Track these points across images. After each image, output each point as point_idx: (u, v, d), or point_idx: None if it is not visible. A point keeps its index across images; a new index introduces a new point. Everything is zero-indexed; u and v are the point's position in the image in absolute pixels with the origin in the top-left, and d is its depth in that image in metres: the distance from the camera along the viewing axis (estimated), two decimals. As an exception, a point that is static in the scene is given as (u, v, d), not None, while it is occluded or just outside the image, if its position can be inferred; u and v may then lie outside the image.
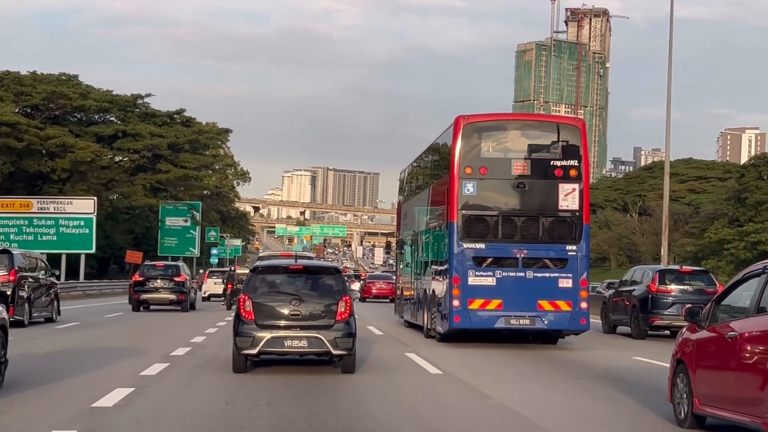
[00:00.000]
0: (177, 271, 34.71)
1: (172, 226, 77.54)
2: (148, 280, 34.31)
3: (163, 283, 34.08)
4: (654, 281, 24.04)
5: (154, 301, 34.29)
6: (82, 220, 54.33)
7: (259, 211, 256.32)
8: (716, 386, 9.12)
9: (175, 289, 33.95)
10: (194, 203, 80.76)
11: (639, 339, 23.73)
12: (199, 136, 79.82)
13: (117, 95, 77.72)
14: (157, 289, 34.02)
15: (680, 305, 22.57)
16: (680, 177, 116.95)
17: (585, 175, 20.15)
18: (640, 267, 28.11)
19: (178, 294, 33.92)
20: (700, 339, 9.69)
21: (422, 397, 12.11)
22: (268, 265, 14.85)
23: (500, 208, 20.02)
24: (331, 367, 14.76)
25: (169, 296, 33.96)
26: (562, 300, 19.65)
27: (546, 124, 21.68)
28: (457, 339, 20.85)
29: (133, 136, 73.97)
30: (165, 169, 74.67)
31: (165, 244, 76.99)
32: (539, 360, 17.71)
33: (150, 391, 11.90)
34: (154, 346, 18.33)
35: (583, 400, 12.19)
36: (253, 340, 13.63)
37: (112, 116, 78.00)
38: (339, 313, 13.83)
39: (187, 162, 76.18)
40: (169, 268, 35.30)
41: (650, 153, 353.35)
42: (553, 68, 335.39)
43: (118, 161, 76.40)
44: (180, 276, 34.30)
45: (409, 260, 27.01)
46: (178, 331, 23.29)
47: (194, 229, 78.71)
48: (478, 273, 19.68)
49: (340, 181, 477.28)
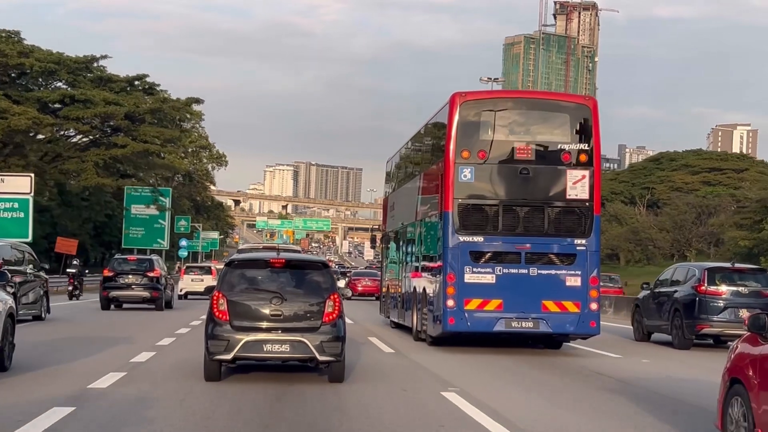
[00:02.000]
0: (151, 265, 32.15)
1: (138, 215, 69.49)
2: (118, 275, 31.71)
3: (135, 279, 31.55)
4: (702, 281, 20.79)
5: (125, 299, 31.87)
6: (15, 201, 45.70)
7: (240, 204, 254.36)
8: None
9: (148, 285, 31.48)
10: (163, 189, 73.49)
11: (682, 349, 20.64)
12: (164, 104, 69.63)
13: (66, 56, 66.72)
14: (129, 285, 31.50)
15: (733, 310, 20.22)
16: (692, 168, 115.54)
17: (596, 160, 18.33)
18: (683, 264, 24.84)
19: (152, 291, 31.43)
20: (766, 354, 7.85)
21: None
22: (246, 258, 13.39)
23: (501, 197, 18.19)
24: (317, 375, 13.21)
25: (142, 293, 31.47)
26: (570, 300, 17.85)
27: (553, 103, 19.73)
28: (449, 343, 18.99)
29: (83, 102, 62.87)
30: (121, 143, 64.48)
31: (130, 235, 69.65)
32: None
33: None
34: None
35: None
36: (227, 344, 12.15)
37: (59, 81, 66.96)
38: (326, 313, 12.36)
39: (148, 135, 65.78)
40: (143, 262, 32.72)
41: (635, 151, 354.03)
42: (542, 62, 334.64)
43: (65, 133, 66.87)
44: (154, 271, 31.81)
45: (397, 255, 25.15)
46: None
47: (164, 218, 70.66)
48: (476, 269, 17.84)
49: (322, 177, 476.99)
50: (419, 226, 21.52)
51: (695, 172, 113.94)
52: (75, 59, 67.03)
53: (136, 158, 66.94)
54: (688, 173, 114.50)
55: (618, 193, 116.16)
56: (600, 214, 18.55)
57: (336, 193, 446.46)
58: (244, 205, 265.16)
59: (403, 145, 25.54)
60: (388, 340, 20.80)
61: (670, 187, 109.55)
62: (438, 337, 18.77)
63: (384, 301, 27.84)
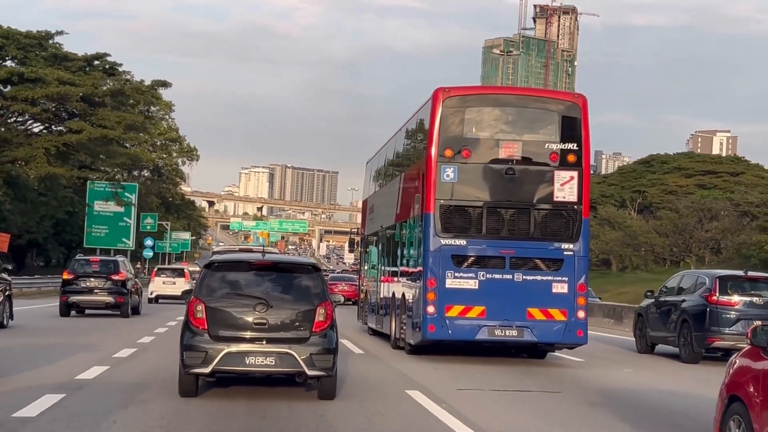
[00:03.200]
0: (116, 267, 29.63)
1: (101, 212, 64.94)
2: (79, 278, 29.15)
3: (98, 283, 29.08)
4: (713, 290, 19.62)
5: (87, 305, 29.45)
6: None
7: (214, 206, 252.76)
8: None
9: (113, 289, 29.00)
10: (128, 184, 68.88)
11: (691, 363, 19.55)
12: (126, 86, 63.30)
13: (16, 30, 60.44)
14: (91, 289, 28.98)
15: (747, 322, 18.87)
16: (685, 171, 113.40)
17: (586, 161, 17.64)
18: (690, 272, 23.78)
19: (117, 296, 28.97)
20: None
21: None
22: (227, 260, 12.10)
23: (485, 198, 17.44)
24: (303, 390, 12.17)
25: (106, 298, 29.00)
26: (556, 308, 17.12)
27: (541, 99, 18.97)
28: (429, 351, 18.24)
29: (33, 82, 56.58)
30: (76, 128, 58.19)
31: (93, 233, 65.17)
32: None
33: None
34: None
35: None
36: (205, 356, 11.00)
37: (8, 58, 60.55)
38: (317, 322, 11.25)
39: (107, 120, 59.39)
40: (107, 264, 30.07)
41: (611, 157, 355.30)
42: (521, 65, 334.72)
43: (13, 116, 60.69)
44: (119, 273, 29.30)
45: (376, 259, 24.39)
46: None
47: (129, 216, 66.23)
48: (458, 274, 17.09)
49: (298, 179, 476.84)
50: (399, 229, 20.78)
51: (689, 175, 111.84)
52: (26, 34, 61.03)
53: (93, 146, 60.67)
54: (681, 176, 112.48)
55: (608, 196, 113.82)
56: (589, 217, 17.85)
57: (312, 195, 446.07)
58: (219, 207, 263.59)
59: (383, 146, 24.79)
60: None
61: (663, 190, 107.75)
62: (417, 345, 18.01)
63: (362, 306, 27.08)
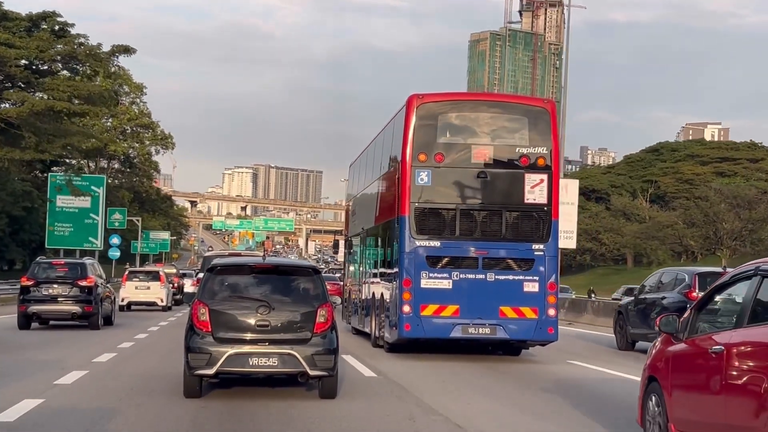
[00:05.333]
0: (83, 271, 25.89)
1: (65, 208, 58.45)
2: (40, 284, 25.46)
3: (62, 289, 25.41)
4: (693, 287, 20.22)
5: (50, 315, 25.88)
6: None
7: (197, 206, 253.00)
8: (697, 410, 7.95)
9: (80, 297, 25.40)
10: (94, 177, 62.73)
11: None
12: (77, 49, 54.21)
13: None
14: (54, 297, 25.35)
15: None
16: (701, 159, 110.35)
17: (555, 164, 18.67)
18: (669, 269, 24.45)
19: (85, 304, 25.37)
20: (677, 353, 8.53)
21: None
22: (229, 263, 12.73)
23: (458, 201, 18.49)
24: (304, 389, 12.94)
25: (71, 308, 25.32)
26: (527, 306, 18.15)
27: (511, 105, 20.06)
28: (407, 349, 19.26)
29: None
30: (16, 98, 50.43)
31: (55, 232, 58.78)
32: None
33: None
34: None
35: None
36: (209, 358, 11.58)
37: None
38: (318, 323, 11.86)
39: (55, 89, 51.50)
40: (72, 267, 26.28)
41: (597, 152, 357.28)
42: (508, 59, 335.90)
43: None
44: (87, 278, 25.61)
45: (358, 261, 25.45)
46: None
47: (96, 212, 59.42)
48: (432, 275, 18.10)
49: (282, 179, 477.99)
50: (378, 231, 21.78)
51: (704, 162, 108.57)
52: None
53: (38, 122, 51.38)
54: (695, 164, 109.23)
55: (617, 186, 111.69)
56: (558, 218, 18.85)
57: (296, 195, 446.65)
58: (202, 207, 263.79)
59: (364, 149, 25.82)
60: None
61: (677, 179, 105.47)
62: (394, 343, 19.02)
63: (346, 307, 28.11)
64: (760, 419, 6.85)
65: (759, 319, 7.43)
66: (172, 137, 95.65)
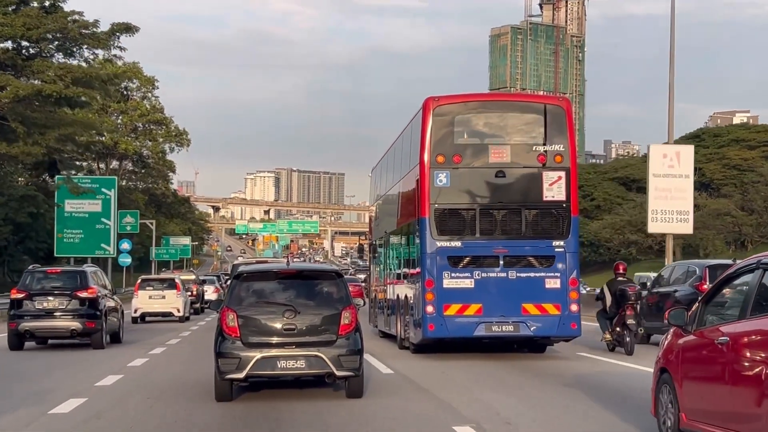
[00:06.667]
0: (83, 280, 22.67)
1: (74, 213, 54.84)
2: (33, 297, 22.34)
3: (59, 303, 22.22)
4: (704, 279, 20.85)
5: (44, 333, 22.62)
6: None
7: (220, 211, 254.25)
8: (705, 399, 8.39)
9: (79, 311, 22.20)
10: (105, 178, 59.47)
11: None
12: (70, 25, 47.81)
13: None
14: (50, 312, 22.18)
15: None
16: (747, 143, 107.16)
17: (572, 161, 19.06)
18: (681, 263, 24.88)
19: (86, 319, 22.17)
20: (687, 345, 8.97)
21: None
22: (254, 270, 13.32)
23: (477, 201, 18.91)
24: (331, 390, 13.45)
25: (70, 323, 22.13)
26: (550, 303, 18.54)
27: (527, 105, 20.49)
28: (432, 350, 19.69)
29: None
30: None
31: (65, 239, 55.06)
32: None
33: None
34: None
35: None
36: (239, 362, 12.09)
37: None
38: (342, 326, 12.39)
39: (43, 71, 46.17)
40: (71, 276, 23.09)
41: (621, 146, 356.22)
42: (530, 53, 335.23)
43: None
44: (88, 288, 22.46)
45: (382, 263, 25.94)
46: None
47: (108, 217, 55.89)
48: (454, 274, 18.52)
49: (304, 182, 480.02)
50: (400, 233, 22.23)
51: (751, 147, 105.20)
52: None
53: (26, 110, 46.21)
54: (742, 148, 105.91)
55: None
56: (578, 215, 19.24)
57: (319, 198, 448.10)
58: (225, 212, 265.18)
59: (384, 154, 26.29)
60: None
61: (724, 164, 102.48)
62: (420, 344, 19.43)
63: (372, 310, 28.58)
64: (763, 406, 7.24)
65: (761, 310, 7.84)
66: (187, 133, 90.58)
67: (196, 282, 45.35)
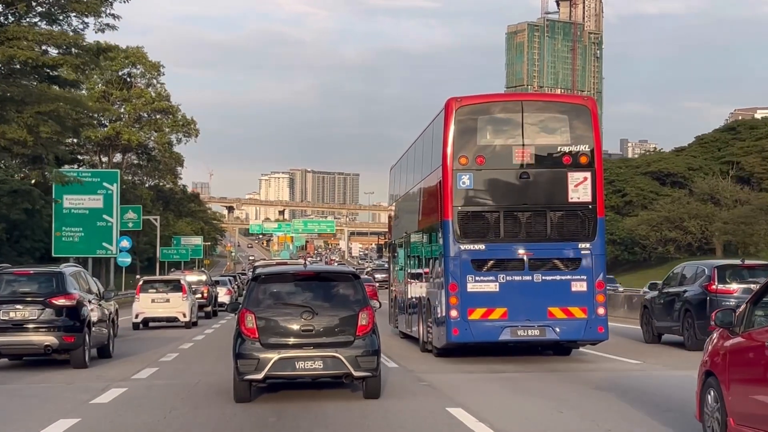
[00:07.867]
0: (60, 284, 18.70)
1: (74, 209, 51.22)
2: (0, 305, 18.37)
3: (29, 312, 18.24)
4: (712, 279, 21.30)
5: (12, 350, 18.56)
6: None
7: (234, 212, 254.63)
8: (756, 404, 8.20)
9: (55, 323, 18.20)
10: (107, 172, 56.01)
11: (695, 351, 20.11)
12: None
13: None
14: (20, 324, 18.19)
15: None
16: None
17: (597, 161, 18.92)
18: (691, 263, 24.97)
19: (63, 333, 18.19)
20: (735, 347, 8.81)
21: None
22: (272, 272, 13.52)
23: (501, 203, 18.78)
24: (349, 390, 13.61)
25: (43, 338, 18.14)
26: (576, 306, 18.41)
27: (551, 104, 20.35)
28: (456, 354, 19.60)
29: None
30: None
31: (63, 238, 51.40)
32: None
33: None
34: None
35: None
36: (258, 363, 12.37)
37: None
38: (360, 327, 12.64)
39: (19, 38, 39.22)
40: (44, 279, 19.06)
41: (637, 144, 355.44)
42: (547, 50, 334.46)
43: None
44: (66, 295, 18.50)
45: (403, 265, 25.85)
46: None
47: (110, 213, 52.12)
48: (479, 278, 18.42)
49: (319, 183, 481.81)
50: (422, 235, 22.14)
51: None
52: None
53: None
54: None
55: (696, 169, 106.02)
56: (604, 216, 19.11)
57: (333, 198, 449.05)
58: (239, 213, 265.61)
59: (404, 152, 26.19)
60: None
61: (764, 157, 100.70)
62: (443, 348, 19.34)
63: (393, 311, 28.53)
64: None
65: None
66: (195, 122, 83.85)
67: (208, 283, 42.55)
